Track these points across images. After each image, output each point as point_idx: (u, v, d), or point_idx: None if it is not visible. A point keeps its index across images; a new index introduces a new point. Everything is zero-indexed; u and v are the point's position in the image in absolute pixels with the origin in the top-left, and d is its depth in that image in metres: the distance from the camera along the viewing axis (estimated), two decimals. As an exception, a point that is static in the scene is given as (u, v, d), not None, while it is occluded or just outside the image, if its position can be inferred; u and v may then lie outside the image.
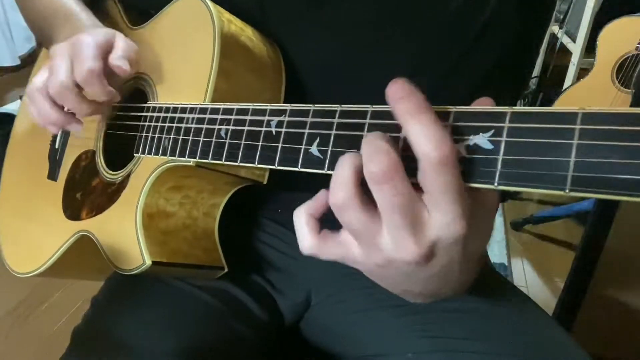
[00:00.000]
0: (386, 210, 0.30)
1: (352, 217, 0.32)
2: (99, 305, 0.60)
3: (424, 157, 0.28)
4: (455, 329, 0.52)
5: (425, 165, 0.29)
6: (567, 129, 0.27)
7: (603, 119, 0.26)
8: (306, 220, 0.35)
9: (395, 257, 0.32)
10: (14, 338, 1.31)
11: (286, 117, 0.39)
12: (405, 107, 0.29)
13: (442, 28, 0.50)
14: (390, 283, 0.37)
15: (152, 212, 0.51)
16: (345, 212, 0.32)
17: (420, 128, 0.29)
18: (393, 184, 0.29)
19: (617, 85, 1.71)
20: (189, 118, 0.47)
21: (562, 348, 0.50)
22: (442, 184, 0.29)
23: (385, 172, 0.29)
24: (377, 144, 0.30)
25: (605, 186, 0.25)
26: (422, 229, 0.30)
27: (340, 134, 0.35)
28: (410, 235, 0.30)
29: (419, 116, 0.29)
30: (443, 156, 0.28)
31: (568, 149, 0.27)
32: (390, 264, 0.32)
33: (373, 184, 0.30)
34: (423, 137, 0.28)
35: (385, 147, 0.30)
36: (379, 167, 0.29)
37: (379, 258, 0.32)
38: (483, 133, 0.29)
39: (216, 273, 0.55)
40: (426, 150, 0.28)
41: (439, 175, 0.29)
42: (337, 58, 0.53)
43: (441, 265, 0.33)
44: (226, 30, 0.49)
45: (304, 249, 0.35)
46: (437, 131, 0.28)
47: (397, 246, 0.31)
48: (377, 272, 0.35)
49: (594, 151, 0.26)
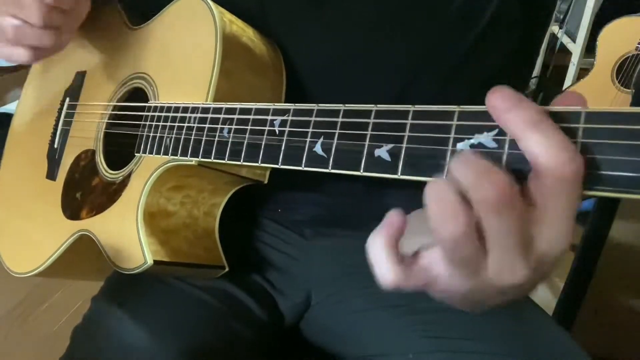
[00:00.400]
0: (499, 238, 0.27)
1: (464, 250, 0.28)
2: (99, 305, 0.60)
3: (552, 172, 0.25)
4: (455, 329, 0.51)
5: (551, 181, 0.25)
6: (570, 128, 0.27)
7: (607, 118, 0.26)
8: (387, 254, 0.31)
9: (500, 283, 0.28)
10: (14, 338, 1.30)
11: (290, 116, 0.39)
12: (523, 116, 0.26)
13: (443, 28, 0.50)
14: (468, 302, 0.33)
15: (153, 211, 0.51)
16: (460, 246, 0.27)
17: (546, 139, 0.25)
18: (512, 209, 0.26)
19: (617, 85, 1.71)
20: (191, 117, 0.47)
21: (562, 348, 0.50)
22: (566, 201, 0.26)
23: (504, 195, 0.25)
24: (482, 164, 0.26)
25: (609, 184, 0.26)
26: (532, 248, 0.27)
27: (344, 133, 0.35)
28: (522, 259, 0.27)
29: (541, 125, 0.25)
30: (576, 169, 0.25)
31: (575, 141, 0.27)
32: (486, 287, 0.29)
33: (489, 211, 0.26)
34: (549, 149, 0.25)
35: (492, 167, 0.26)
36: (497, 190, 0.25)
37: (474, 284, 0.29)
38: (487, 132, 0.29)
39: (217, 272, 0.55)
40: (553, 164, 0.25)
41: (566, 193, 0.25)
42: (338, 58, 0.53)
43: (535, 281, 0.30)
44: (228, 31, 0.49)
45: (388, 284, 0.31)
46: (566, 142, 0.25)
47: (506, 271, 0.28)
48: (457, 295, 0.32)
49: (598, 150, 0.26)
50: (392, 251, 0.31)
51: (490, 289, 0.29)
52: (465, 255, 0.28)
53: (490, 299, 0.32)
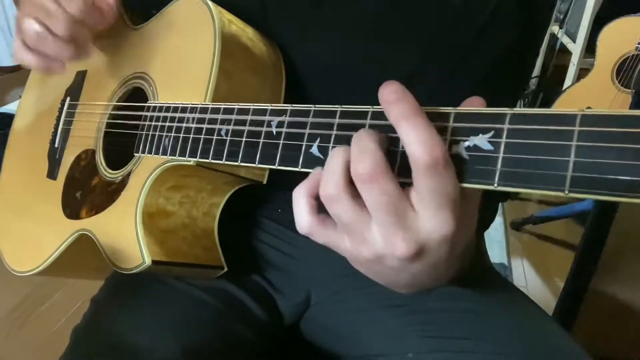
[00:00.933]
0: (373, 208, 0.31)
1: (341, 211, 0.32)
2: (99, 305, 0.60)
3: (415, 160, 0.29)
4: (455, 329, 0.51)
5: (416, 168, 0.29)
6: (566, 131, 0.27)
7: (602, 120, 0.26)
8: (305, 200, 0.35)
9: (385, 253, 0.32)
10: (14, 338, 1.31)
11: (287, 117, 0.39)
12: (399, 109, 0.30)
13: (443, 28, 0.50)
14: (377, 276, 0.37)
15: (152, 211, 0.51)
16: (334, 205, 0.32)
17: (413, 131, 0.29)
18: (378, 184, 0.30)
19: (617, 85, 1.71)
20: (190, 117, 0.47)
21: (561, 348, 0.50)
22: (432, 187, 0.29)
23: (370, 173, 0.30)
24: (363, 144, 0.31)
25: (604, 187, 0.26)
26: (410, 228, 0.31)
27: (340, 135, 0.35)
28: (399, 233, 0.31)
29: (412, 119, 0.29)
30: (434, 160, 0.28)
31: (567, 151, 0.27)
32: (379, 258, 0.33)
33: (359, 183, 0.31)
34: (415, 140, 0.29)
35: (371, 147, 0.30)
36: (365, 168, 0.30)
37: (367, 252, 0.33)
38: (483, 134, 0.29)
39: (216, 272, 0.55)
40: (417, 153, 0.29)
41: (429, 179, 0.29)
42: (338, 58, 0.53)
43: (429, 263, 0.33)
44: (227, 30, 0.49)
45: (301, 228, 0.35)
46: (429, 135, 0.29)
47: (386, 243, 0.32)
48: (365, 264, 0.35)
49: (593, 153, 0.26)
50: (310, 201, 0.34)
51: (385, 262, 0.33)
52: (344, 217, 0.32)
53: (392, 276, 0.36)
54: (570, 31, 2.06)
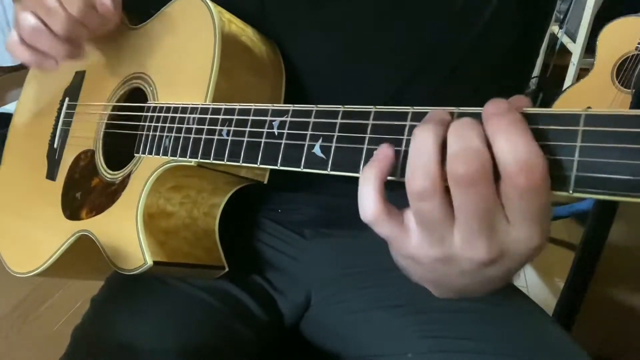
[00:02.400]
0: (465, 212, 0.28)
1: (428, 209, 0.29)
2: (99, 305, 0.60)
3: (511, 181, 0.27)
4: (455, 329, 0.51)
5: (509, 186, 0.27)
6: (570, 131, 0.27)
7: (606, 120, 0.26)
8: (377, 186, 0.31)
9: (462, 256, 0.30)
10: (14, 338, 1.30)
11: (288, 117, 0.39)
12: (499, 122, 0.27)
13: (443, 28, 0.50)
14: (430, 275, 0.34)
15: (153, 212, 0.51)
16: (423, 202, 0.29)
17: (512, 146, 0.26)
18: (479, 189, 0.27)
19: (617, 86, 1.71)
20: (190, 118, 0.47)
21: (562, 348, 0.50)
22: (523, 210, 0.27)
23: (473, 176, 0.27)
24: (469, 139, 0.27)
25: (608, 187, 0.26)
26: (497, 236, 0.29)
27: (343, 135, 0.35)
28: (485, 240, 0.29)
29: (512, 130, 0.27)
30: (532, 182, 0.26)
31: (572, 151, 0.27)
32: (450, 260, 0.31)
33: (456, 184, 0.28)
34: (512, 158, 0.26)
35: (477, 146, 0.27)
36: (468, 170, 0.27)
37: (440, 253, 0.31)
38: None
39: (217, 273, 0.55)
40: (514, 175, 0.26)
41: (523, 201, 0.27)
42: (337, 58, 0.53)
43: (500, 271, 0.31)
44: (227, 30, 0.49)
45: (366, 215, 0.31)
46: (530, 153, 0.26)
47: (468, 246, 0.29)
48: (428, 264, 0.32)
49: (597, 152, 0.26)
50: (381, 185, 0.31)
51: (453, 265, 0.31)
52: (429, 216, 0.29)
53: (452, 278, 0.33)
54: (570, 31, 2.06)
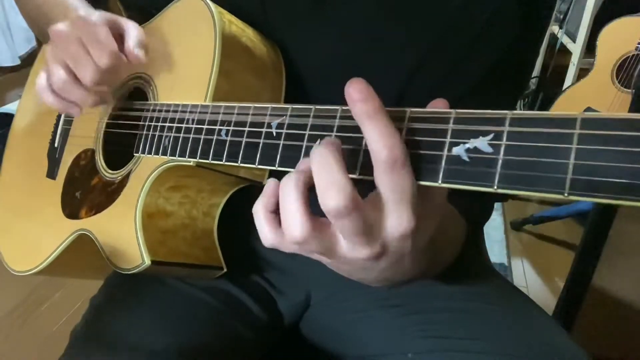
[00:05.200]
0: (344, 234, 0.32)
1: (309, 248, 0.33)
2: (98, 305, 0.60)
3: (377, 157, 0.30)
4: (455, 329, 0.52)
5: (378, 164, 0.30)
6: (566, 134, 0.27)
7: (601, 124, 0.26)
8: (264, 216, 0.35)
9: (351, 257, 0.34)
10: (14, 338, 1.30)
11: (287, 117, 0.39)
12: (363, 108, 0.31)
13: (443, 27, 0.50)
14: (348, 273, 0.38)
15: (152, 211, 0.51)
16: (303, 246, 0.33)
17: (375, 130, 0.30)
18: (350, 218, 0.30)
19: (617, 85, 1.71)
20: (190, 118, 0.47)
21: (561, 348, 0.50)
22: (392, 183, 0.30)
23: (341, 210, 0.30)
24: (329, 171, 0.30)
25: (603, 190, 0.26)
26: (373, 231, 0.32)
27: (341, 136, 0.35)
28: (364, 239, 0.32)
29: (375, 118, 0.30)
30: (393, 158, 0.30)
31: (567, 153, 0.27)
32: (347, 261, 0.34)
33: (329, 216, 0.31)
34: (377, 139, 0.30)
35: (339, 179, 0.30)
36: (337, 204, 0.30)
37: (336, 257, 0.34)
38: (483, 137, 0.29)
39: (215, 273, 0.55)
40: (378, 151, 0.30)
41: (389, 175, 0.30)
42: (338, 58, 0.53)
43: (392, 259, 0.34)
44: (227, 31, 0.49)
45: (266, 243, 0.36)
46: (389, 134, 0.30)
47: (353, 249, 0.33)
48: (334, 265, 0.37)
49: (593, 155, 0.26)
50: (269, 215, 0.35)
51: (351, 263, 0.34)
52: (314, 246, 0.33)
53: (360, 273, 0.37)
54: (570, 31, 2.06)
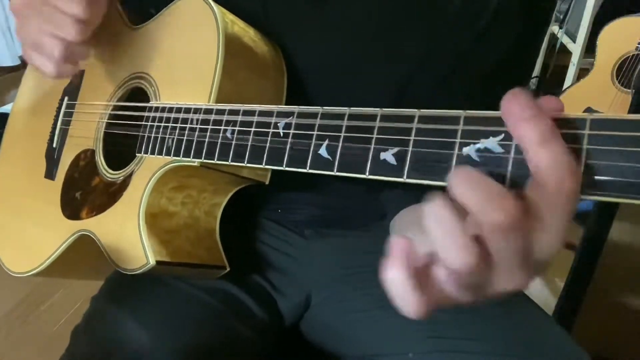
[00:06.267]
0: (506, 257, 0.27)
1: (477, 275, 0.28)
2: (99, 305, 0.60)
3: (550, 191, 0.26)
4: (455, 329, 0.52)
5: (549, 194, 0.26)
6: (576, 134, 0.27)
7: (611, 124, 0.26)
8: (411, 286, 0.29)
9: (505, 291, 0.30)
10: (14, 338, 1.30)
11: (294, 118, 0.39)
12: (537, 131, 0.26)
13: (443, 27, 0.50)
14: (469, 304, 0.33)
15: (155, 211, 0.51)
16: (471, 276, 0.28)
17: (553, 158, 0.26)
18: (520, 230, 0.26)
19: (617, 85, 1.71)
20: (194, 118, 0.47)
21: (561, 348, 0.50)
22: (562, 212, 0.27)
23: (512, 222, 0.26)
24: (488, 187, 0.26)
25: (614, 189, 0.26)
26: (531, 258, 0.28)
27: (349, 137, 0.35)
28: (525, 270, 0.28)
29: (551, 144, 0.26)
30: (574, 188, 0.26)
31: (578, 154, 0.27)
32: (492, 295, 0.30)
33: (496, 234, 0.26)
34: (554, 168, 0.26)
35: (499, 190, 0.26)
36: (505, 218, 0.26)
37: (483, 295, 0.30)
38: (493, 137, 0.29)
39: (218, 272, 0.55)
40: (554, 184, 0.26)
41: (563, 204, 0.26)
42: (339, 58, 0.53)
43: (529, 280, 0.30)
44: (230, 31, 0.49)
45: (415, 316, 0.30)
46: (570, 161, 0.26)
47: (510, 282, 0.29)
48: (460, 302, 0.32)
49: (603, 156, 0.26)
50: (413, 282, 0.29)
51: (492, 297, 0.30)
52: (476, 280, 0.28)
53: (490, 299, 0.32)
54: (570, 31, 2.06)
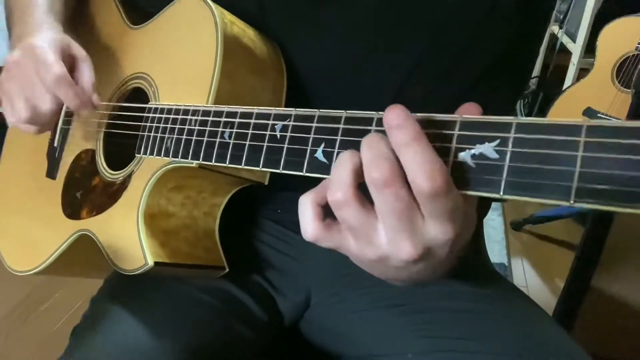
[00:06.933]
0: (384, 213, 0.32)
1: (349, 215, 0.33)
2: (99, 305, 0.60)
3: (418, 189, 0.30)
4: (455, 329, 0.52)
5: (420, 195, 0.30)
6: (571, 141, 0.27)
7: (607, 131, 0.26)
8: (312, 207, 0.35)
9: (390, 255, 0.33)
10: (14, 338, 1.31)
11: (291, 121, 0.39)
12: (400, 136, 0.30)
13: (441, 25, 0.50)
14: (379, 273, 0.38)
15: (154, 212, 0.51)
16: (342, 210, 0.33)
17: (414, 159, 0.30)
18: (394, 190, 0.30)
19: (617, 85, 1.71)
20: (192, 120, 0.47)
21: (561, 348, 0.50)
22: (437, 209, 0.30)
23: (387, 179, 0.30)
24: (378, 149, 0.31)
25: (609, 198, 0.26)
26: (418, 233, 0.32)
27: (345, 140, 0.35)
28: (407, 238, 0.32)
29: (413, 146, 0.30)
30: (435, 189, 0.29)
31: (573, 161, 0.27)
32: (383, 259, 0.34)
33: (374, 188, 0.31)
34: (417, 168, 0.29)
35: (386, 152, 0.31)
36: (381, 173, 0.30)
37: (373, 253, 0.34)
38: (489, 142, 0.29)
39: (217, 273, 0.55)
40: (419, 182, 0.29)
41: (433, 203, 0.30)
42: (337, 58, 0.53)
43: (432, 263, 0.34)
44: (229, 32, 0.49)
45: (307, 235, 0.35)
46: (429, 162, 0.29)
47: (394, 246, 0.33)
48: (368, 263, 0.36)
49: (599, 163, 0.26)
50: (316, 207, 0.35)
51: (389, 262, 0.34)
52: (351, 221, 0.33)
53: (392, 273, 0.37)
54: (570, 31, 2.06)
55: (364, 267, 0.38)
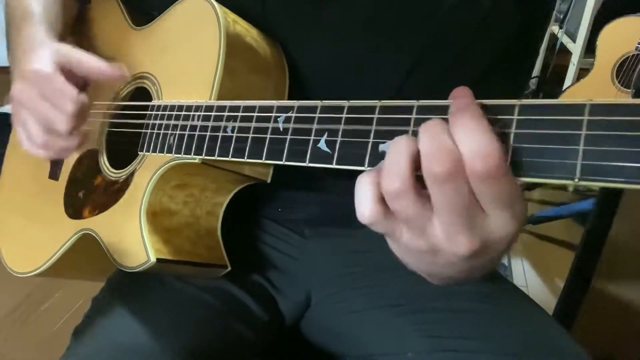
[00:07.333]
0: (443, 208, 0.30)
1: (405, 206, 0.31)
2: (100, 305, 0.60)
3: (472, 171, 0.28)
4: (455, 329, 0.52)
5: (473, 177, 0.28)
6: (575, 120, 0.27)
7: (610, 110, 0.26)
8: (373, 188, 0.32)
9: (446, 249, 0.31)
10: (14, 338, 1.30)
11: (294, 113, 0.39)
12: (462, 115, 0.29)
13: (441, 24, 0.50)
14: (425, 266, 0.36)
15: (156, 210, 0.51)
16: (399, 200, 0.31)
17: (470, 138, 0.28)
18: (454, 185, 0.29)
19: (617, 85, 1.71)
20: (195, 116, 0.47)
21: (561, 347, 0.50)
22: (491, 195, 0.29)
23: (449, 174, 0.28)
24: (441, 140, 0.29)
25: (613, 175, 0.26)
26: (476, 228, 0.30)
27: (348, 129, 0.35)
28: (465, 232, 0.30)
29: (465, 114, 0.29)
30: (490, 169, 0.28)
31: (577, 140, 0.27)
32: (435, 252, 0.32)
33: (433, 182, 0.29)
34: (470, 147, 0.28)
35: (449, 145, 0.29)
36: (444, 168, 0.28)
37: (424, 245, 0.32)
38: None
39: (219, 271, 0.55)
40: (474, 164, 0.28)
41: (489, 187, 0.28)
42: (338, 58, 0.53)
43: (484, 260, 0.33)
44: (232, 30, 0.49)
45: (364, 217, 0.33)
46: (484, 140, 0.28)
47: (450, 240, 0.31)
48: (417, 255, 0.34)
49: (602, 141, 0.26)
50: (376, 189, 0.32)
51: (440, 256, 0.32)
52: (406, 212, 0.31)
53: (439, 268, 0.35)
54: (570, 31, 2.06)
55: (409, 258, 0.35)
